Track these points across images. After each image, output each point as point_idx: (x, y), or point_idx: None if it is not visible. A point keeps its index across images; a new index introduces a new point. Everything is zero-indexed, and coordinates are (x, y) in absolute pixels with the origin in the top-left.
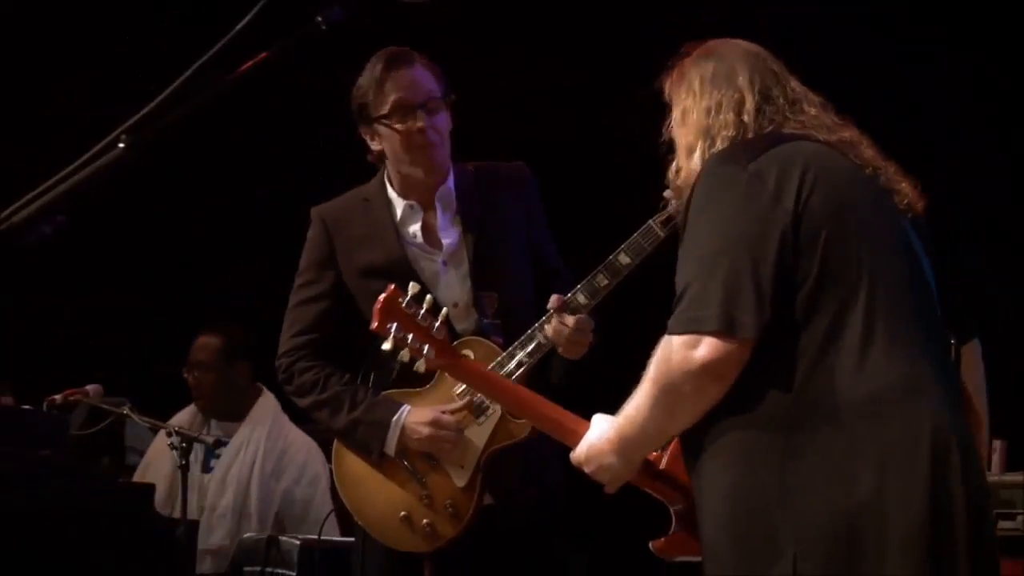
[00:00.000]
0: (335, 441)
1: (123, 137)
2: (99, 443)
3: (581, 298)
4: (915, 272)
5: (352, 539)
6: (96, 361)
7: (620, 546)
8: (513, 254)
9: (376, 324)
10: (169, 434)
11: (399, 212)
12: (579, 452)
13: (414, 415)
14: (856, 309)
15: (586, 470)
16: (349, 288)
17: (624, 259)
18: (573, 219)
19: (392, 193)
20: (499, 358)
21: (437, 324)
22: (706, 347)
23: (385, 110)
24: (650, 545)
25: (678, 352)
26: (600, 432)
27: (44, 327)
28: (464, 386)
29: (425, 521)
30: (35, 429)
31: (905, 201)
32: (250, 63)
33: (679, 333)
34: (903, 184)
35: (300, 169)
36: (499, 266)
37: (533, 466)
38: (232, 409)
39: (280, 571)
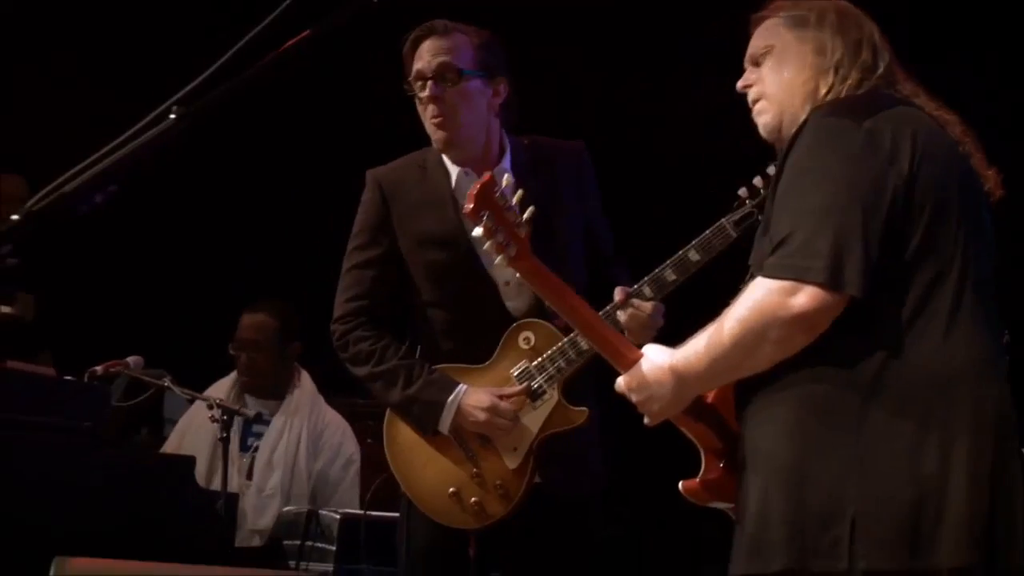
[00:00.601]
0: (388, 411)
1: (174, 108)
2: (139, 415)
3: (647, 291)
4: (991, 257)
5: (393, 514)
6: (136, 332)
7: (659, 528)
8: (569, 233)
9: (471, 208)
10: (210, 407)
11: (454, 179)
12: (628, 379)
13: (471, 397)
14: (948, 284)
15: (633, 398)
16: (403, 254)
17: (694, 256)
18: (628, 210)
19: (447, 161)
20: (560, 343)
21: (523, 222)
22: (806, 296)
23: (410, 78)
24: (680, 486)
25: (774, 296)
26: (656, 362)
27: (86, 297)
28: (522, 370)
29: (474, 499)
30: (76, 400)
31: (987, 186)
32: (297, 37)
33: (779, 278)
34: (988, 171)
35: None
36: (555, 244)
37: (578, 449)
38: (275, 388)
39: (320, 545)
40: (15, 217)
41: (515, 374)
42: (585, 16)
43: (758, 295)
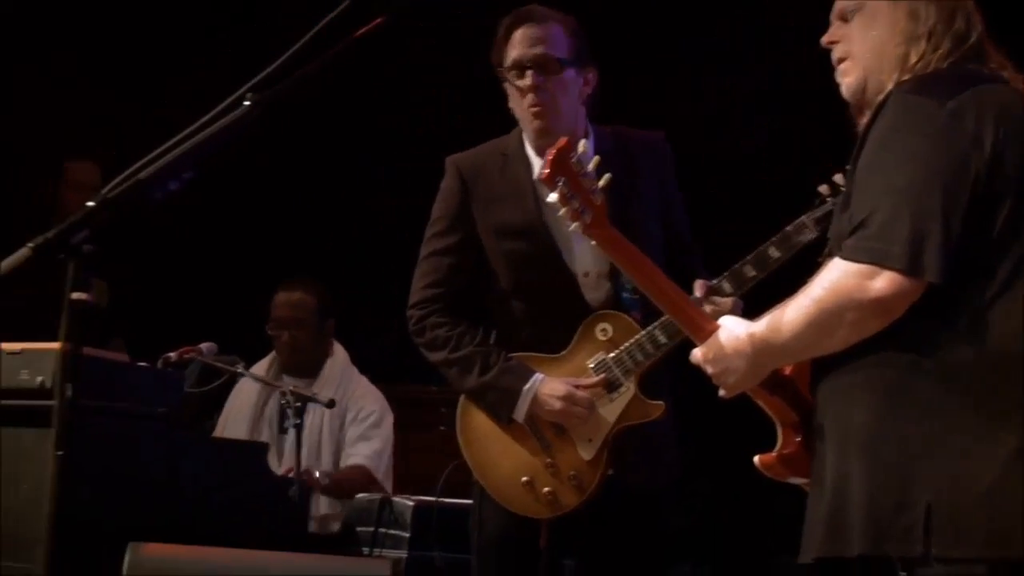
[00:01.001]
0: (462, 398)
1: (248, 95)
2: (211, 401)
3: (726, 286)
4: None
5: (466, 501)
6: (209, 319)
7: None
8: (646, 220)
9: (547, 174)
10: (282, 393)
11: (536, 169)
12: (705, 351)
13: (547, 386)
14: None
15: (708, 370)
16: (482, 242)
17: (774, 253)
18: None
19: (530, 150)
20: (638, 336)
21: (599, 188)
22: (884, 281)
23: (506, 64)
24: (756, 460)
25: (852, 279)
26: (734, 334)
27: (157, 283)
28: (599, 361)
29: (547, 489)
30: (151, 386)
31: None
32: (369, 26)
33: (858, 261)
34: None
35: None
36: (636, 236)
37: (653, 441)
38: (312, 364)
39: (394, 532)
40: (91, 204)
41: (592, 365)
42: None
43: (836, 277)
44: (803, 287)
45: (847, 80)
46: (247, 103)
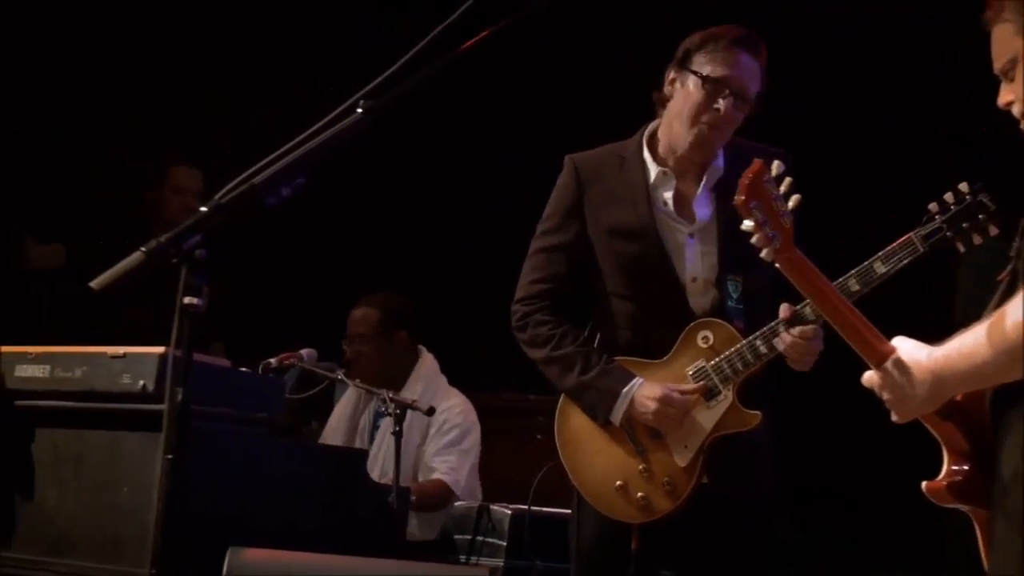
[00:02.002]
0: (561, 399)
1: (361, 102)
2: (310, 407)
3: (808, 313)
4: None
5: (563, 510)
6: (308, 325)
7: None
8: None
9: (742, 200)
10: (383, 401)
11: (652, 176)
12: (882, 377)
13: (645, 389)
14: None
15: (884, 396)
16: (592, 242)
17: (880, 268)
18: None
19: (647, 156)
20: (739, 345)
21: (788, 211)
22: None
23: (706, 71)
24: (923, 485)
25: None
26: (912, 359)
27: (259, 290)
28: (698, 368)
29: (640, 494)
30: (252, 391)
31: None
32: (477, 37)
33: None
34: None
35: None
36: (747, 248)
37: (749, 453)
38: (392, 378)
39: (491, 540)
40: (204, 208)
41: (691, 372)
42: None
43: None
44: (993, 312)
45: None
46: (360, 110)
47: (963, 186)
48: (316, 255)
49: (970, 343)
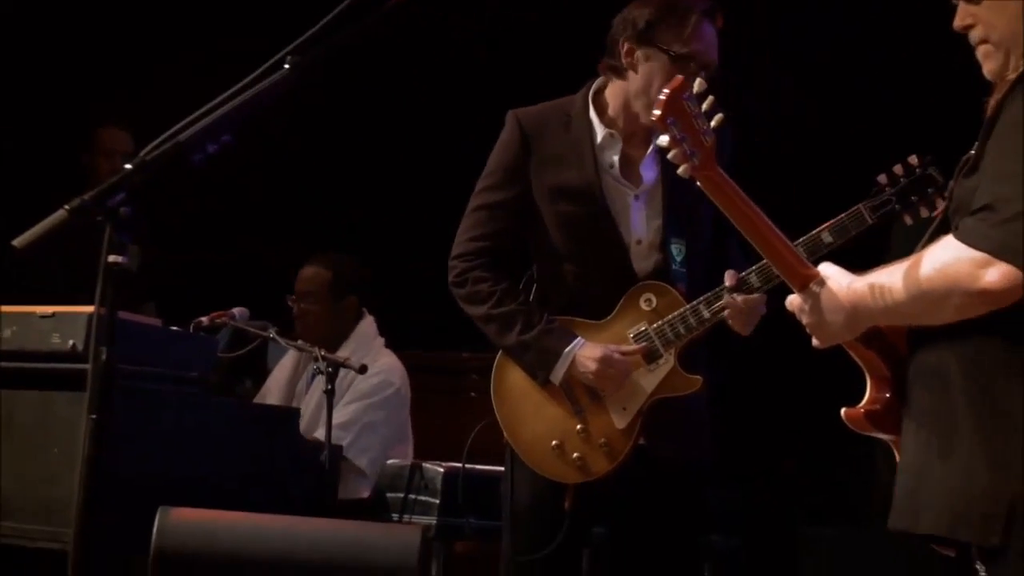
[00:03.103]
0: (499, 355)
1: (288, 59)
2: (242, 366)
3: (754, 280)
4: None
5: (496, 467)
6: (240, 284)
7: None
8: (704, 202)
9: (659, 115)
10: (315, 359)
11: (599, 137)
12: (802, 300)
13: (586, 350)
14: None
15: (804, 319)
16: (535, 201)
17: (827, 238)
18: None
19: (594, 116)
20: (682, 310)
21: (710, 129)
22: (998, 273)
23: (675, 48)
24: (842, 412)
25: (964, 266)
26: (834, 288)
27: (191, 249)
28: (640, 331)
29: (576, 454)
30: (184, 350)
31: None
32: None
33: (975, 247)
34: None
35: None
36: (691, 212)
37: (686, 416)
38: (328, 339)
39: (424, 498)
40: (128, 166)
41: (633, 335)
42: None
43: (949, 259)
44: (915, 256)
45: (989, 65)
46: (287, 66)
47: (913, 159)
48: (250, 212)
49: (887, 281)
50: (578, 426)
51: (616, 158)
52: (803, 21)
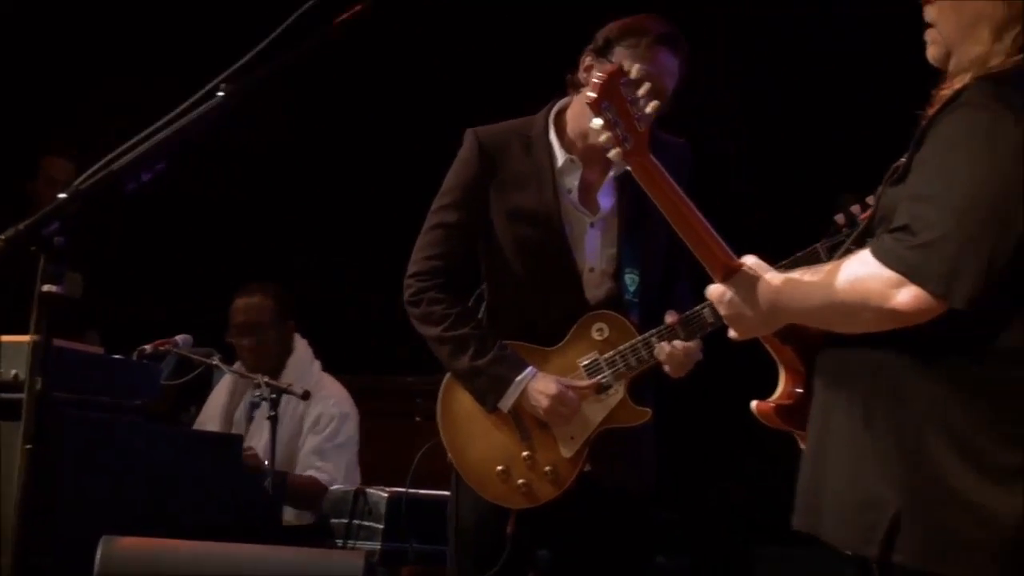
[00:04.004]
0: (447, 378)
1: (222, 86)
2: (187, 393)
3: (707, 315)
4: None
5: (441, 492)
6: (184, 311)
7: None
8: (658, 234)
9: (594, 98)
10: (257, 385)
11: (559, 161)
12: (723, 292)
13: (539, 382)
14: None
15: (722, 311)
16: (492, 223)
17: None
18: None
19: (554, 139)
20: (634, 341)
21: (644, 115)
22: (909, 296)
23: (625, 67)
24: (752, 406)
25: (877, 285)
26: (755, 282)
27: (134, 277)
28: (591, 360)
29: (522, 481)
30: (126, 378)
31: None
32: (347, 14)
33: (889, 266)
34: None
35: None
36: (645, 243)
37: (632, 444)
38: (274, 366)
39: (368, 523)
40: (62, 196)
41: (584, 364)
42: None
43: (864, 274)
44: (837, 262)
45: (931, 50)
46: (220, 94)
47: (871, 199)
48: (193, 242)
49: (806, 285)
50: (524, 452)
51: (575, 184)
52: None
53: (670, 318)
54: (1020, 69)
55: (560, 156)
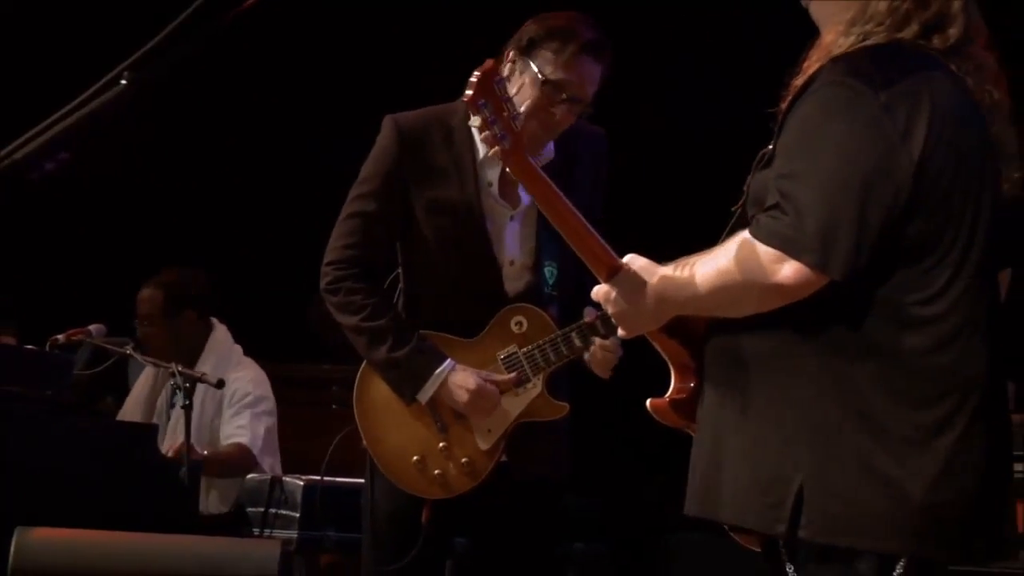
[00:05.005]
0: (363, 365)
1: (125, 74)
2: (102, 383)
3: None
4: (997, 224)
5: (357, 480)
6: (99, 300)
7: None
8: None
9: (471, 96)
10: (172, 374)
11: (481, 153)
12: (608, 290)
13: (458, 376)
14: (941, 272)
15: (610, 309)
16: (412, 212)
17: None
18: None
19: (475, 129)
20: (553, 336)
21: (519, 115)
22: (791, 270)
23: (547, 71)
24: (648, 404)
25: (758, 262)
26: (640, 277)
27: (46, 266)
28: (509, 354)
29: (438, 471)
30: (39, 369)
31: (1007, 151)
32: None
33: (768, 244)
34: (1009, 131)
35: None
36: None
37: (549, 434)
38: (185, 354)
39: (284, 512)
40: None
41: (502, 357)
42: None
43: (744, 255)
44: (717, 248)
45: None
46: (123, 82)
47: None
48: (110, 228)
49: (689, 273)
50: (441, 444)
51: (496, 176)
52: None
53: (589, 316)
54: (871, 47)
55: (482, 148)
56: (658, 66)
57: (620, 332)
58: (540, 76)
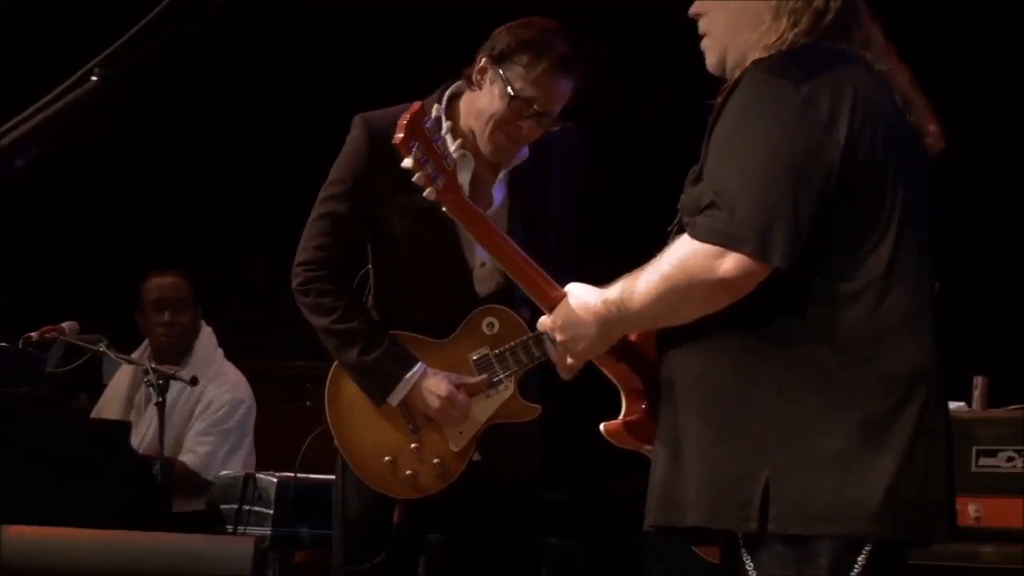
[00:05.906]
0: (335, 364)
1: (96, 70)
2: (76, 380)
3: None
4: (930, 219)
5: (330, 476)
6: (72, 298)
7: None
8: (548, 229)
9: (401, 138)
10: (145, 372)
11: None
12: (554, 319)
13: (430, 380)
14: (880, 255)
15: (557, 337)
16: (383, 214)
17: None
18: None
19: (447, 131)
20: (525, 338)
21: (450, 154)
22: (732, 263)
23: (517, 86)
24: (601, 428)
25: (700, 259)
26: (583, 302)
27: (19, 264)
28: (481, 355)
29: (409, 472)
30: (11, 366)
31: (929, 141)
32: None
33: (707, 241)
34: (931, 124)
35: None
36: (534, 238)
37: (519, 433)
38: (184, 350)
39: (258, 508)
40: None
41: (474, 359)
42: None
43: (684, 254)
44: (654, 258)
45: (708, 58)
46: (94, 78)
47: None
48: (84, 226)
49: (631, 288)
50: (412, 444)
51: (467, 179)
52: None
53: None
54: (797, 49)
55: (454, 150)
56: (657, 66)
57: (568, 361)
58: (510, 91)
